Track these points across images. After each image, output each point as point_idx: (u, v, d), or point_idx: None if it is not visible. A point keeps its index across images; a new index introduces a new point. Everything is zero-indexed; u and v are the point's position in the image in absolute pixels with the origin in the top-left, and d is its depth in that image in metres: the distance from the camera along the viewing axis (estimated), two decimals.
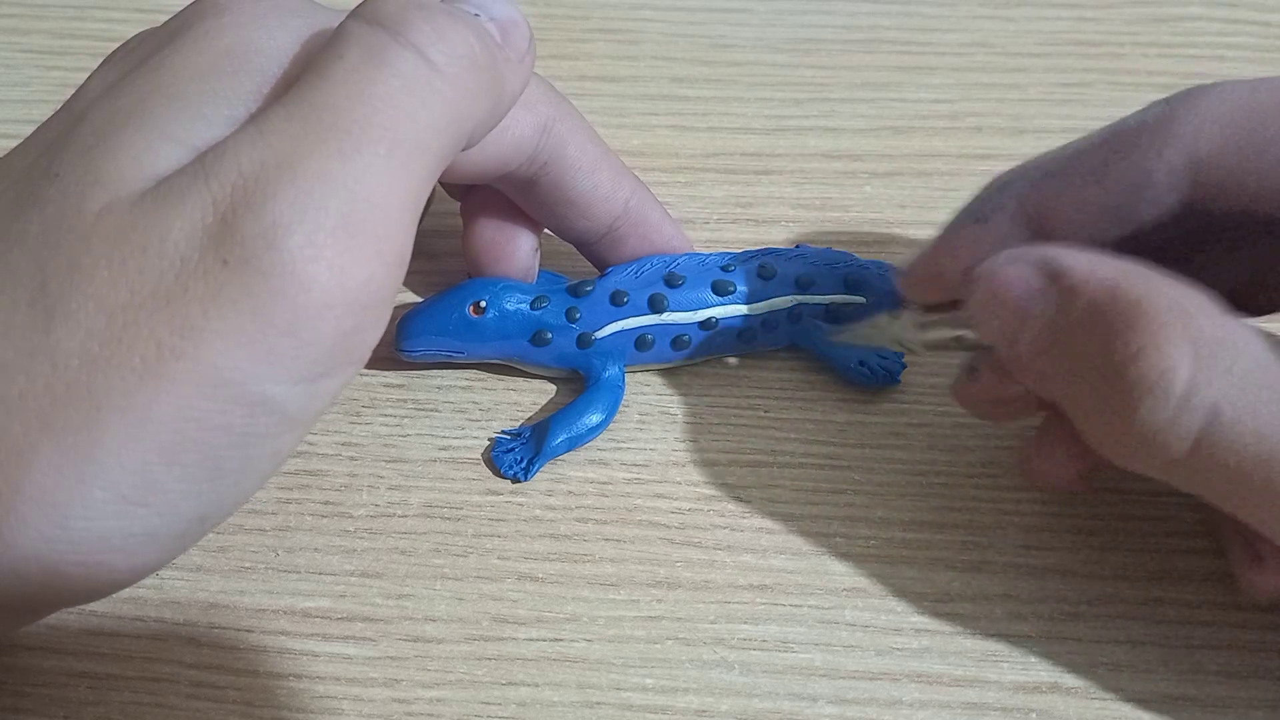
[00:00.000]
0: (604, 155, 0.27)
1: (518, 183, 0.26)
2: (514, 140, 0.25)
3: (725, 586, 0.25)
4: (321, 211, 0.18)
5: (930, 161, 0.32)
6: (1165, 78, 0.34)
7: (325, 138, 0.19)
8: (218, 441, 0.19)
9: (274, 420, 0.19)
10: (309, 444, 0.27)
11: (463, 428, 0.27)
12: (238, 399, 0.18)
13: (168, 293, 0.18)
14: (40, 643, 0.24)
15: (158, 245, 0.18)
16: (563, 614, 0.25)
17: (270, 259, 0.18)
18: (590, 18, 0.36)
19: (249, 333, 0.18)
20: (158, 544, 0.19)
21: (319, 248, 0.18)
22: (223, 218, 0.18)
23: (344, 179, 0.19)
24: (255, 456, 0.19)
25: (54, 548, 0.18)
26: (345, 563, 0.25)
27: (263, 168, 0.18)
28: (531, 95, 0.25)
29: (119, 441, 0.18)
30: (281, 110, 0.19)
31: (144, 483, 0.18)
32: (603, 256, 0.28)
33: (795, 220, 0.31)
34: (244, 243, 0.18)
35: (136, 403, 0.18)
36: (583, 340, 0.27)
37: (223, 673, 0.24)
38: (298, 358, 0.19)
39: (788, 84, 0.34)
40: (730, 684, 0.24)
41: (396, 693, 0.24)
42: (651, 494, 0.26)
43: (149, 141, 0.19)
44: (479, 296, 0.27)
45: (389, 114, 0.19)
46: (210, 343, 0.18)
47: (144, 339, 0.18)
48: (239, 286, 0.18)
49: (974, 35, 0.36)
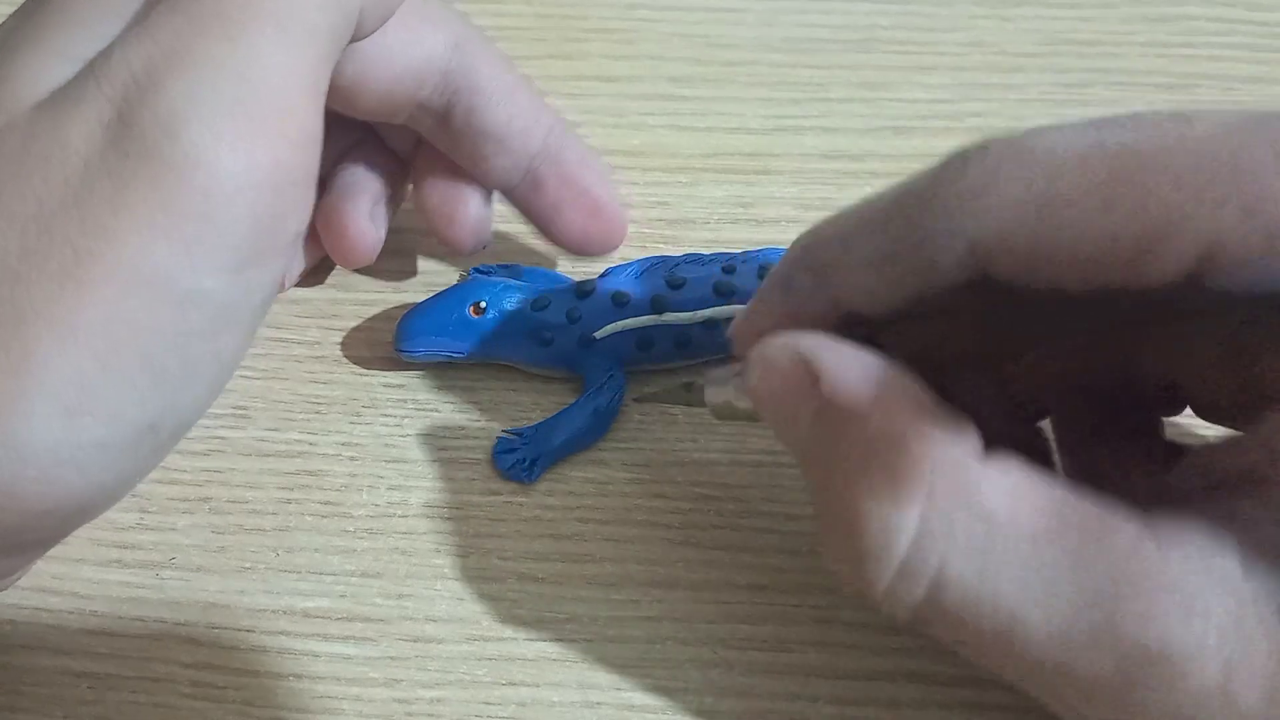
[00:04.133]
0: (519, 83, 0.26)
1: (434, 115, 0.26)
2: (424, 54, 0.24)
3: (725, 586, 0.25)
4: (216, 96, 0.19)
5: (929, 161, 0.32)
6: (1163, 77, 0.34)
7: (210, 25, 0.19)
8: (152, 343, 0.19)
9: (206, 315, 0.19)
10: (309, 444, 0.27)
11: (463, 428, 0.27)
12: (163, 296, 0.18)
13: (75, 197, 0.18)
14: (39, 642, 0.24)
15: (59, 153, 0.18)
16: (563, 614, 0.25)
17: (171, 148, 0.18)
18: (587, 17, 0.36)
19: (162, 225, 0.18)
20: (109, 455, 0.19)
21: (219, 132, 0.18)
22: (119, 115, 0.18)
23: (234, 62, 0.19)
24: (195, 357, 0.20)
25: (4, 466, 0.18)
26: (345, 563, 0.25)
27: (151, 61, 0.19)
28: (439, 15, 0.25)
29: (51, 351, 0.18)
30: (164, 7, 0.19)
31: (83, 391, 0.18)
32: (530, 206, 0.27)
33: (795, 220, 0.31)
34: (144, 135, 0.18)
35: (61, 310, 0.18)
36: (583, 341, 0.27)
37: (222, 673, 0.24)
38: (217, 246, 0.19)
39: (786, 84, 0.34)
40: (730, 684, 0.24)
41: (396, 693, 0.24)
42: (651, 494, 0.26)
43: (41, 60, 0.19)
44: (479, 296, 0.27)
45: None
46: (125, 240, 0.18)
47: (59, 246, 0.18)
48: (145, 180, 0.18)
49: (972, 35, 0.36)
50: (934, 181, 0.18)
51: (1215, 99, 0.34)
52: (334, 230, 0.27)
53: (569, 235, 0.27)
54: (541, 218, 0.27)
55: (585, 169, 0.27)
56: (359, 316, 0.29)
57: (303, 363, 0.28)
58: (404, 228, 0.30)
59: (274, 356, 0.28)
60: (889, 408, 0.18)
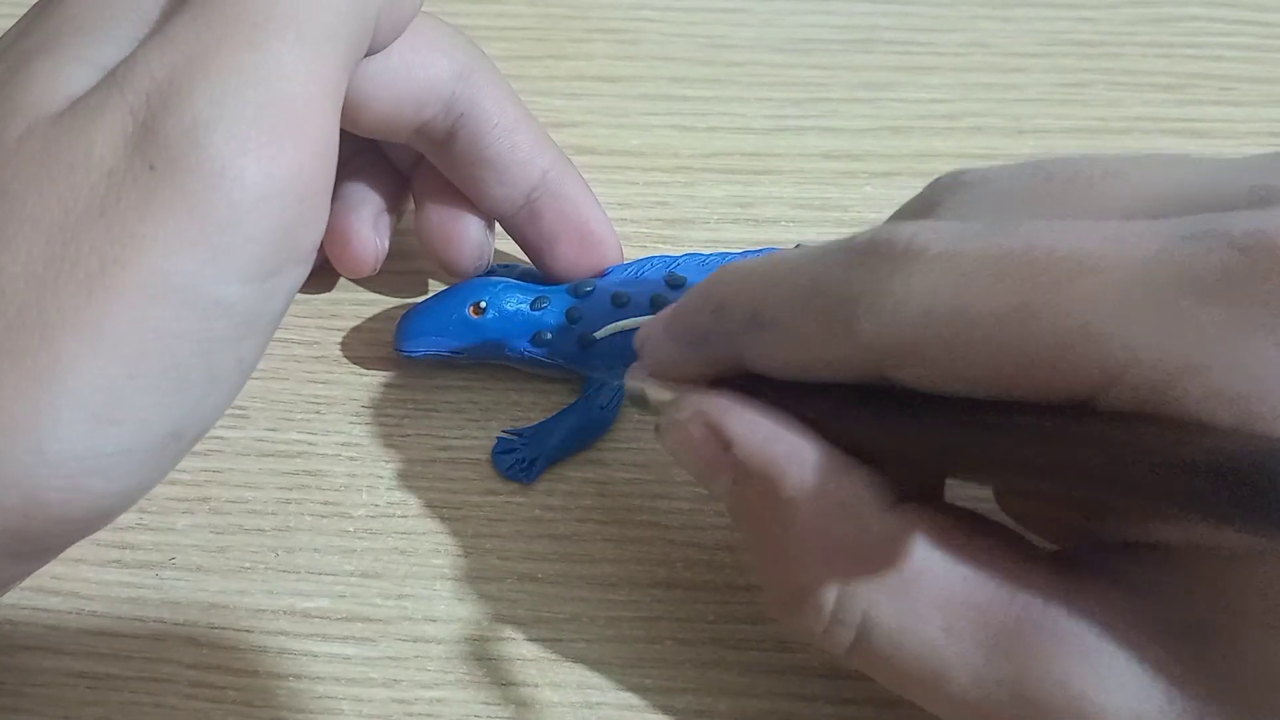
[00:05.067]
0: (524, 118, 0.26)
1: (436, 137, 0.26)
2: (429, 79, 0.24)
3: (725, 586, 0.25)
4: (240, 104, 0.19)
5: (930, 162, 0.32)
6: (1164, 77, 0.34)
7: (232, 33, 0.19)
8: (178, 349, 0.19)
9: (231, 324, 0.19)
10: (309, 444, 0.27)
11: (463, 428, 0.27)
12: (190, 303, 0.19)
13: (101, 204, 0.18)
14: (39, 643, 0.24)
15: (84, 160, 0.18)
16: (563, 614, 0.25)
17: (197, 156, 0.18)
18: (589, 17, 0.36)
19: (189, 233, 0.18)
20: (134, 462, 0.19)
21: (244, 140, 0.18)
22: (143, 124, 0.18)
23: (257, 69, 0.19)
24: (219, 364, 0.20)
25: (32, 474, 0.18)
26: (345, 563, 0.25)
27: (174, 70, 0.19)
28: (448, 42, 0.25)
29: (78, 358, 0.18)
30: (185, 14, 0.19)
31: (111, 398, 0.18)
32: (524, 234, 0.27)
33: (795, 220, 0.31)
34: (169, 144, 0.18)
35: (88, 317, 0.18)
36: (583, 341, 0.27)
37: (222, 673, 0.24)
38: (242, 254, 0.19)
39: (787, 84, 0.34)
40: (730, 684, 0.24)
41: (396, 693, 0.24)
42: (651, 494, 0.26)
43: (59, 65, 0.19)
44: (479, 297, 0.27)
45: (290, 2, 0.19)
46: (152, 248, 0.18)
47: (86, 253, 0.18)
48: (171, 188, 0.18)
49: (973, 35, 0.36)
50: (847, 276, 0.18)
51: (1215, 99, 0.34)
52: (338, 240, 0.27)
53: (559, 266, 0.27)
54: (534, 248, 0.28)
55: (584, 205, 0.27)
56: (359, 316, 0.29)
57: (303, 363, 0.28)
58: (404, 228, 0.30)
59: (274, 356, 0.28)
60: (801, 469, 0.18)
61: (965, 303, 0.16)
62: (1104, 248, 0.16)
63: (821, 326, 0.18)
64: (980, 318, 0.16)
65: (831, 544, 0.18)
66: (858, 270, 0.18)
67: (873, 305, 0.17)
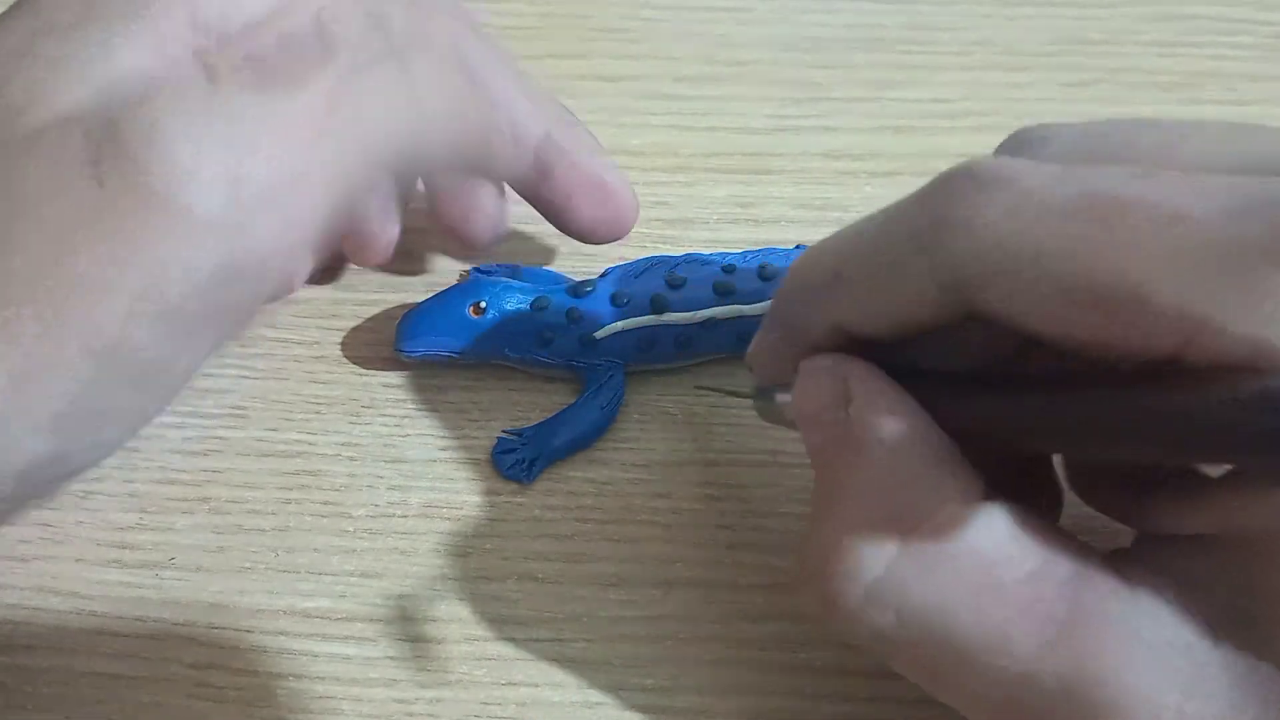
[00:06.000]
0: (519, 75, 0.26)
1: None
2: None
3: (725, 586, 0.25)
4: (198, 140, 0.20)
5: (932, 161, 0.32)
6: (1168, 76, 0.34)
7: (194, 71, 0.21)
8: (65, 385, 0.20)
9: (130, 373, 0.21)
10: (309, 444, 0.27)
11: (463, 428, 0.27)
12: (90, 341, 0.20)
13: (46, 220, 0.20)
14: (41, 642, 0.24)
15: (35, 178, 0.20)
16: (563, 614, 0.25)
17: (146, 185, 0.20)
18: (591, 17, 0.36)
19: (122, 261, 0.20)
20: None
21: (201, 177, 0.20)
22: (98, 145, 0.20)
23: (219, 107, 0.21)
24: (106, 409, 0.21)
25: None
26: (345, 563, 0.25)
27: (129, 99, 0.20)
28: None
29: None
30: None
31: None
32: (539, 195, 0.27)
33: (795, 220, 0.31)
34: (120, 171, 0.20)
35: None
36: (583, 341, 0.27)
37: (223, 673, 0.24)
38: (164, 296, 0.20)
39: (789, 83, 0.34)
40: (731, 683, 0.24)
41: (396, 693, 0.24)
42: (651, 494, 0.26)
43: (30, 70, 0.20)
44: (479, 297, 0.27)
45: None
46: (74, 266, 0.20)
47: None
48: (116, 211, 0.20)
49: (976, 34, 0.36)
50: (919, 211, 0.18)
51: (1219, 98, 0.34)
52: (349, 229, 0.27)
53: (580, 223, 0.27)
54: (551, 207, 0.27)
55: (593, 156, 0.26)
56: (359, 316, 0.29)
57: (303, 363, 0.28)
58: (405, 227, 0.30)
59: (274, 356, 0.28)
60: (902, 443, 0.18)
61: (1044, 236, 0.16)
62: (1189, 200, 0.16)
63: (900, 262, 0.18)
64: (1060, 252, 0.16)
65: (904, 507, 0.18)
66: (940, 197, 0.18)
67: (963, 223, 0.17)
